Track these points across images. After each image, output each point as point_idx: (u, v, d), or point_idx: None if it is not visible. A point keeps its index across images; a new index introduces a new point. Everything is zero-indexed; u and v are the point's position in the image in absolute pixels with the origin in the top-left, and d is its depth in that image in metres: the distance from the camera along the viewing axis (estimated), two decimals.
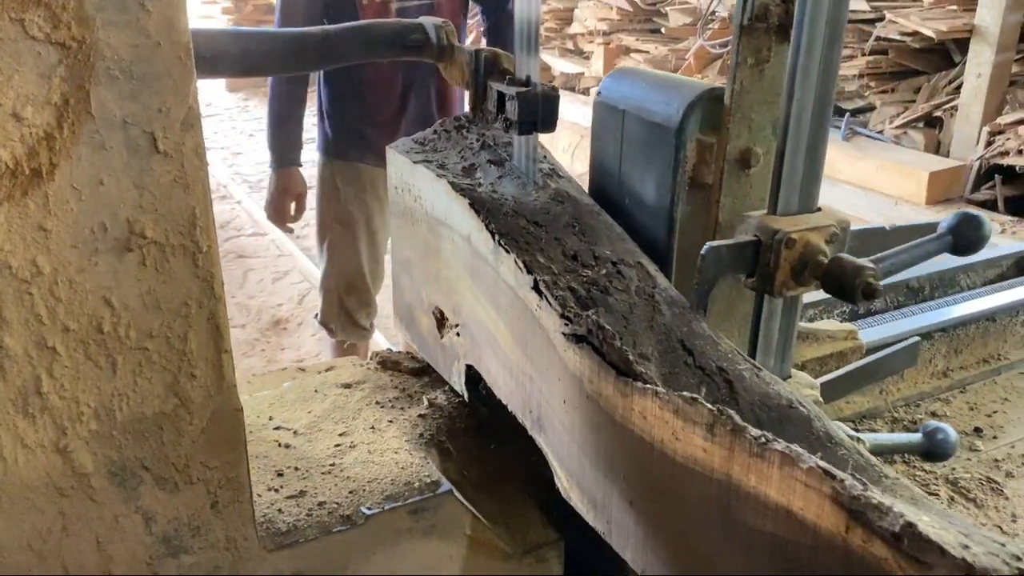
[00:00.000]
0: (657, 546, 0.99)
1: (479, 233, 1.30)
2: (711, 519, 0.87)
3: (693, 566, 0.94)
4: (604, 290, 1.17)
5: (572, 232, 1.29)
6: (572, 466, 1.15)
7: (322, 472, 1.36)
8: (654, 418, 0.93)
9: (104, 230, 0.96)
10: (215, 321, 1.05)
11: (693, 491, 0.89)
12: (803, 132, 1.13)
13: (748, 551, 0.83)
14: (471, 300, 1.40)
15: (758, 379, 1.05)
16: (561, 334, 1.09)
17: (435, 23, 1.56)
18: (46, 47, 0.87)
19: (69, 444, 1.02)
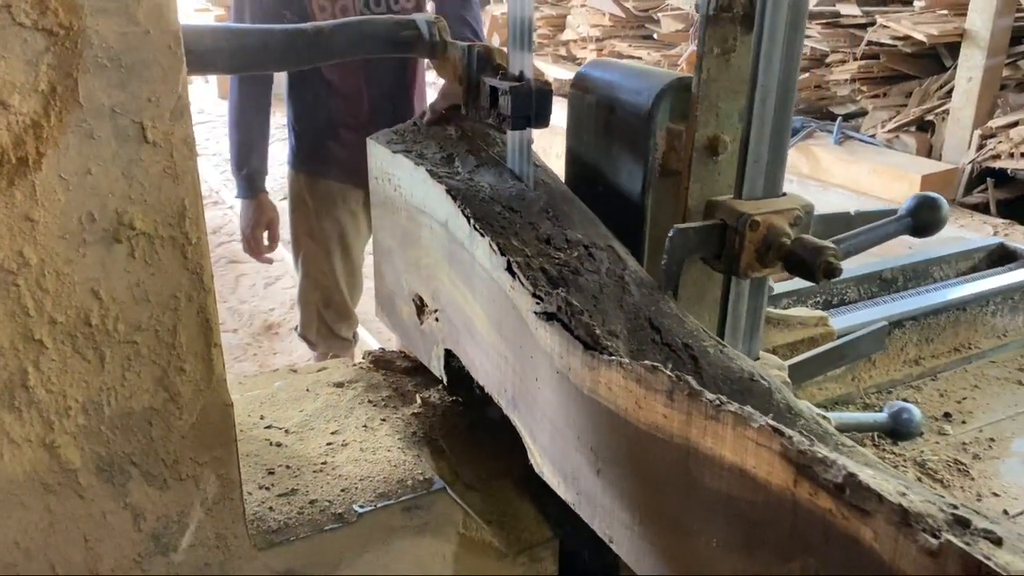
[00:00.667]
0: (622, 513, 1.02)
1: (456, 219, 1.33)
2: (672, 482, 0.91)
3: (655, 531, 0.97)
4: (575, 271, 1.20)
5: (546, 217, 1.32)
6: (544, 441, 1.18)
7: (314, 470, 1.35)
8: (619, 388, 0.96)
9: (92, 221, 0.94)
10: (205, 314, 1.04)
11: (655, 456, 0.93)
12: (767, 119, 1.16)
13: (707, 511, 0.86)
14: (449, 285, 1.43)
15: (722, 355, 1.09)
16: (533, 313, 1.12)
17: (427, 19, 1.55)
18: (33, 34, 0.86)
19: (56, 439, 1.00)
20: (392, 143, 1.59)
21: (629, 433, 0.97)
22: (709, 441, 0.85)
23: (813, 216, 1.21)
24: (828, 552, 0.74)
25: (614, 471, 1.02)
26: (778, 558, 0.80)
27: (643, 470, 0.97)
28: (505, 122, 1.39)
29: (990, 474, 1.54)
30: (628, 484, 1.00)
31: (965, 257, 2.26)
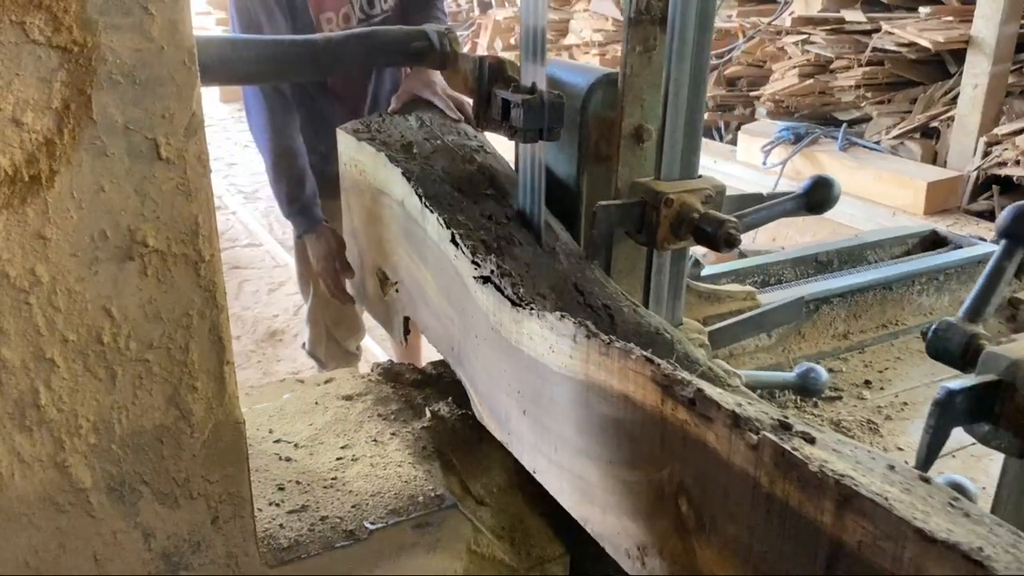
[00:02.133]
0: (543, 446, 1.18)
1: (410, 198, 1.50)
2: (575, 414, 1.07)
3: (567, 459, 1.13)
4: (511, 242, 1.38)
5: (490, 197, 1.51)
6: (483, 389, 1.37)
7: (324, 486, 1.33)
8: (537, 337, 1.14)
9: (104, 238, 0.93)
10: (217, 332, 1.03)
11: (564, 394, 1.09)
12: (681, 109, 1.31)
13: (602, 433, 1.02)
14: (406, 259, 1.62)
15: (635, 314, 1.29)
16: (472, 278, 1.31)
17: (438, 30, 1.55)
18: (47, 51, 0.85)
19: (67, 458, 0.99)
20: (358, 132, 1.73)
21: (545, 375, 1.13)
22: (602, 375, 1.00)
23: (727, 196, 1.38)
24: (687, 456, 0.89)
25: (536, 410, 1.18)
26: (654, 467, 0.95)
27: (556, 406, 1.12)
28: (517, 135, 1.38)
29: (898, 432, 1.65)
30: (546, 420, 1.16)
31: (899, 242, 2.37)
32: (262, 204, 6.12)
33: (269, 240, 5.41)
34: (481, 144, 1.69)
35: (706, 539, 0.88)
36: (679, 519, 0.91)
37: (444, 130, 1.73)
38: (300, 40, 1.55)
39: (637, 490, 0.98)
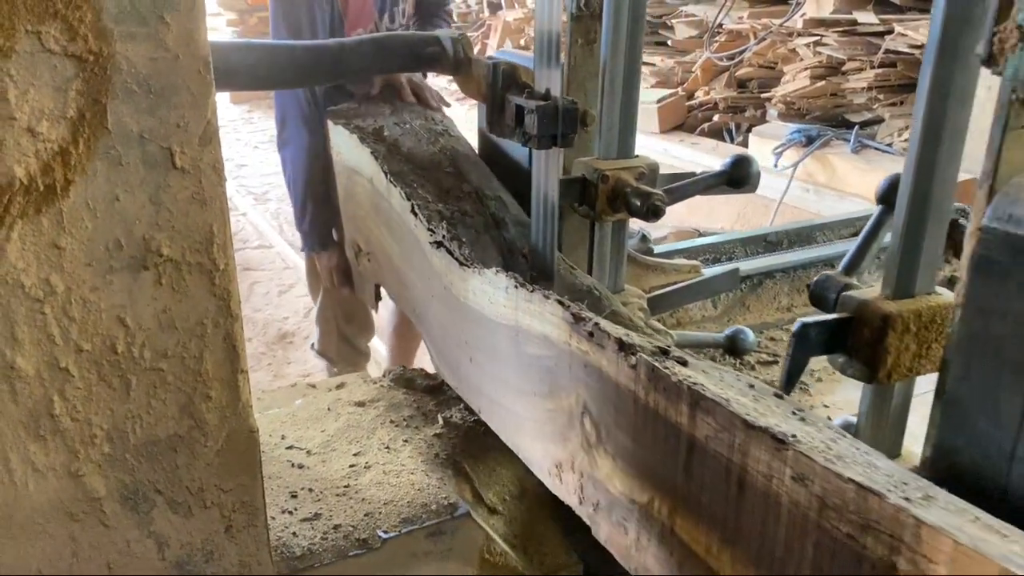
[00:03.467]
0: (484, 387, 1.37)
1: (378, 175, 1.68)
2: (509, 356, 1.25)
3: (501, 397, 1.31)
4: (464, 213, 1.55)
5: (449, 174, 1.69)
6: (439, 344, 1.56)
7: (337, 494, 1.33)
8: (480, 292, 1.30)
9: (119, 248, 0.93)
10: (231, 341, 1.02)
11: (501, 339, 1.26)
12: (616, 95, 1.42)
13: (527, 370, 1.21)
14: (376, 230, 1.81)
15: (571, 275, 1.47)
16: (428, 243, 1.47)
17: (451, 35, 1.54)
18: (62, 60, 0.84)
19: (81, 467, 0.99)
20: (336, 117, 1.92)
21: (486, 325, 1.30)
22: (527, 319, 1.18)
23: (660, 174, 1.52)
24: (588, 380, 1.06)
25: (480, 356, 1.36)
26: (566, 394, 1.12)
27: (495, 352, 1.29)
28: (531, 141, 1.37)
29: (825, 392, 1.74)
30: (487, 365, 1.33)
31: (848, 224, 2.42)
32: (272, 206, 6.13)
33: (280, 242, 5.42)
34: (446, 128, 1.89)
35: (603, 449, 1.05)
36: (584, 435, 1.09)
37: (413, 116, 1.93)
38: (314, 46, 1.55)
39: (555, 416, 1.15)
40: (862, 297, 1.04)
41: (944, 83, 0.95)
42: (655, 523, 0.97)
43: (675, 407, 0.90)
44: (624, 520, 1.03)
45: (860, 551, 0.71)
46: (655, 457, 0.95)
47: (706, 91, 6.45)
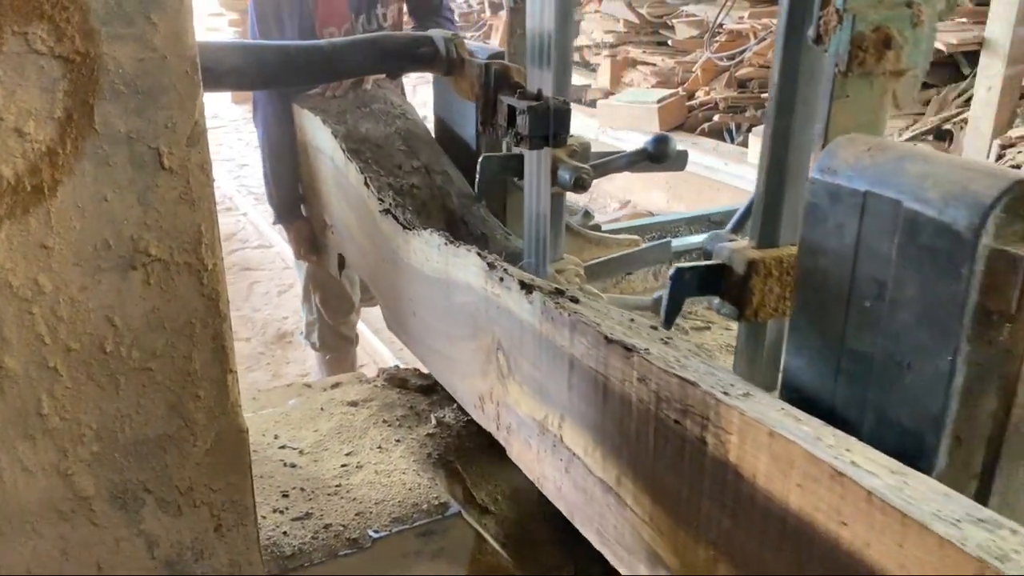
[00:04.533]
0: (425, 338, 1.55)
1: (337, 152, 1.86)
2: (443, 306, 1.41)
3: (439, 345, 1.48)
4: (413, 185, 1.78)
5: (401, 151, 1.89)
6: (389, 301, 1.74)
7: (328, 493, 1.33)
8: (419, 251, 1.46)
9: (107, 248, 0.93)
10: (220, 341, 1.03)
11: (437, 293, 1.42)
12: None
13: (457, 316, 1.36)
14: (337, 204, 2.02)
15: (505, 239, 1.69)
16: (378, 212, 1.63)
17: (444, 35, 1.54)
18: (49, 61, 0.85)
19: (70, 467, 0.99)
20: (303, 101, 2.09)
21: (425, 281, 1.46)
22: (455, 271, 1.34)
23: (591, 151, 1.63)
24: (500, 319, 1.22)
25: (421, 310, 1.53)
26: (485, 334, 1.28)
27: (432, 304, 1.46)
28: (523, 141, 1.37)
29: None
30: (427, 317, 1.50)
31: None
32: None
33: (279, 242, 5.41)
34: (403, 112, 2.07)
35: (512, 378, 1.23)
36: (499, 368, 1.25)
37: (373, 100, 2.08)
38: (308, 46, 1.55)
39: (477, 355, 1.31)
40: (732, 247, 1.18)
41: (792, 62, 1.08)
42: (549, 435, 1.15)
43: (560, 333, 1.08)
44: (528, 437, 1.21)
45: (683, 432, 0.89)
46: (548, 378, 1.13)
47: (706, 91, 6.45)
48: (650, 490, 0.96)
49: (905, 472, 0.73)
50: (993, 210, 0.83)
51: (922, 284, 0.89)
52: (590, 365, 1.02)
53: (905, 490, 0.69)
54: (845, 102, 1.04)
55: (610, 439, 1.02)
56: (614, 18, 7.50)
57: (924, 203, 0.88)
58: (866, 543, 0.69)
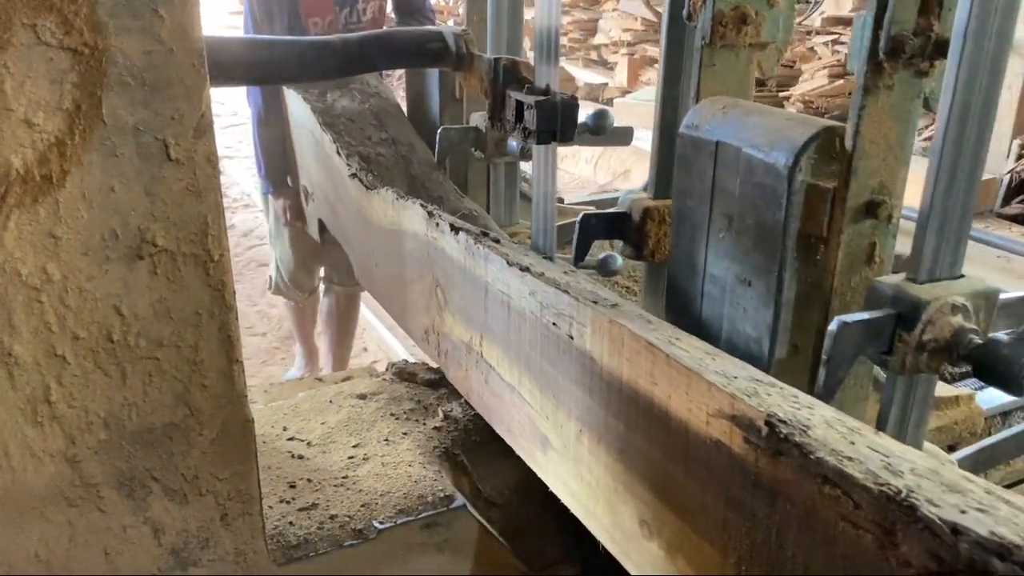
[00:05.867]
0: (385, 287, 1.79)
1: (315, 125, 2.11)
2: (395, 254, 1.62)
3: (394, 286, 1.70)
4: (379, 154, 2.00)
5: (372, 125, 2.13)
6: (357, 256, 1.98)
7: (334, 484, 1.34)
8: (378, 208, 1.67)
9: (115, 238, 0.95)
10: (226, 331, 1.04)
11: (392, 243, 1.64)
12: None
13: (407, 261, 1.55)
14: (316, 173, 2.28)
15: (459, 201, 1.88)
16: (347, 176, 1.86)
17: (454, 31, 1.55)
18: (58, 53, 0.86)
19: (78, 453, 1.00)
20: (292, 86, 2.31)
21: (382, 234, 1.67)
22: (404, 221, 1.53)
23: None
24: (437, 259, 1.40)
25: (381, 261, 1.75)
26: (427, 274, 1.46)
27: (389, 254, 1.67)
28: (530, 136, 1.37)
29: None
30: (386, 266, 1.72)
31: None
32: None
33: None
34: (377, 91, 2.29)
35: (447, 309, 1.40)
36: (437, 302, 1.44)
37: (352, 80, 2.26)
38: (320, 42, 1.56)
39: (423, 294, 1.50)
40: (632, 197, 1.37)
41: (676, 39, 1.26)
42: (474, 354, 1.33)
43: (478, 264, 1.25)
44: (460, 359, 1.39)
45: (557, 332, 1.06)
46: (471, 304, 1.31)
47: None
48: (539, 383, 1.14)
49: (719, 354, 0.89)
50: (805, 151, 1.02)
51: (757, 215, 1.07)
52: (499, 288, 1.20)
53: (705, 360, 0.85)
54: (712, 70, 1.23)
55: (513, 348, 1.19)
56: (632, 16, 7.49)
57: (756, 148, 1.06)
58: (668, 396, 0.86)
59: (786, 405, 0.76)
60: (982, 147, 0.96)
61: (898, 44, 0.98)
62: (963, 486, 0.63)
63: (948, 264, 0.99)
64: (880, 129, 1.04)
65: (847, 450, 0.67)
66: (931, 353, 0.96)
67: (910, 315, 0.95)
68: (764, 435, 0.73)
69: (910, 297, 0.96)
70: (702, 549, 0.83)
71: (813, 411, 0.76)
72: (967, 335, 0.95)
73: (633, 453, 0.93)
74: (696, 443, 0.82)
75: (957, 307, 0.96)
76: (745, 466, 0.76)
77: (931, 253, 0.98)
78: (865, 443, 0.70)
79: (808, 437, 0.70)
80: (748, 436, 0.75)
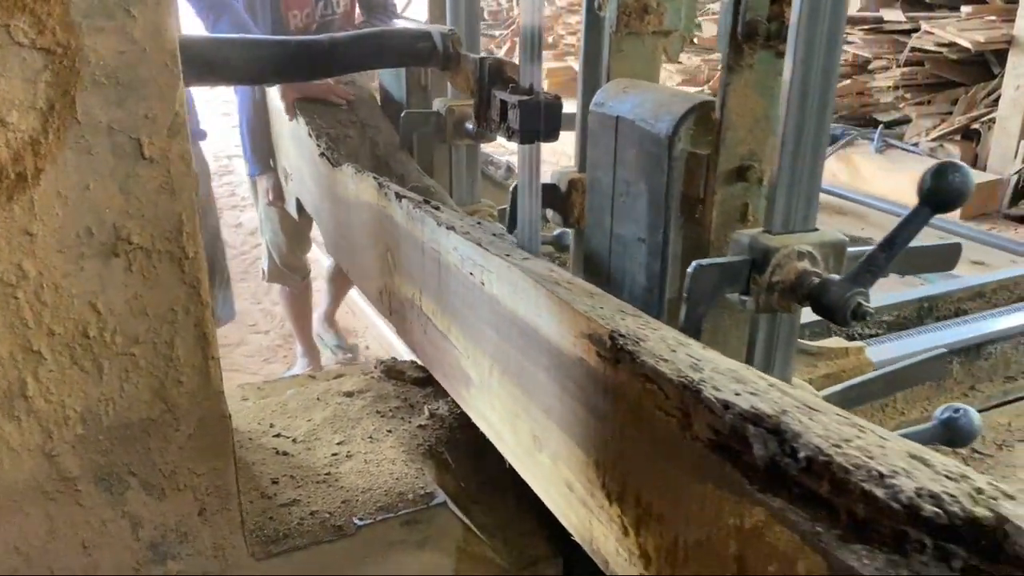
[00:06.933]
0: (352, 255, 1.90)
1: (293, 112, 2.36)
2: (357, 225, 1.77)
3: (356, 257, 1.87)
4: (348, 136, 2.19)
5: (344, 111, 2.33)
6: (329, 232, 2.15)
7: (317, 481, 1.35)
8: (343, 184, 1.83)
9: (90, 235, 0.96)
10: (202, 328, 1.05)
11: (354, 215, 1.79)
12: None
13: (366, 230, 1.70)
14: (294, 156, 2.47)
15: (420, 178, 2.04)
16: (318, 156, 2.03)
17: (442, 31, 1.55)
18: (31, 52, 0.87)
19: (55, 448, 1.02)
20: None
21: (348, 207, 1.83)
22: (362, 194, 1.67)
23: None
24: (388, 228, 1.54)
25: (346, 232, 1.90)
26: (382, 242, 1.60)
27: (350, 225, 1.85)
28: (514, 135, 1.38)
29: None
30: (350, 236, 1.87)
31: None
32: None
33: None
34: (352, 79, 2.46)
35: (397, 271, 1.55)
36: (388, 265, 1.58)
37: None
38: (309, 41, 1.57)
39: (377, 259, 1.64)
40: (559, 170, 1.49)
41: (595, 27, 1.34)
42: (416, 308, 1.46)
43: (416, 227, 1.39)
44: (405, 314, 1.53)
45: (473, 280, 1.19)
46: (412, 264, 1.44)
47: None
48: (462, 328, 1.27)
49: (601, 295, 1.03)
50: (684, 123, 1.15)
51: (647, 180, 1.21)
52: (432, 247, 1.33)
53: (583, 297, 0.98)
54: (620, 55, 1.34)
55: (443, 299, 1.33)
56: None
57: (645, 121, 1.20)
58: (548, 325, 0.99)
59: (634, 326, 0.89)
60: (824, 118, 1.07)
61: (752, 28, 1.10)
62: (748, 378, 0.78)
63: (801, 218, 1.11)
64: (746, 103, 1.15)
65: (666, 355, 0.82)
66: (780, 293, 1.08)
67: (761, 260, 1.07)
68: (608, 347, 0.86)
69: (762, 245, 1.08)
70: (574, 453, 0.97)
71: (656, 331, 0.90)
72: (809, 277, 1.07)
73: (527, 379, 1.07)
74: (566, 362, 0.96)
75: (803, 254, 1.08)
76: (598, 376, 0.89)
77: (783, 209, 1.10)
78: (685, 351, 0.84)
79: (639, 347, 0.84)
80: (599, 351, 0.88)
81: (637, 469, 0.85)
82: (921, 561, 0.56)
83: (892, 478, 0.60)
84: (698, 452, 0.74)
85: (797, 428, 0.67)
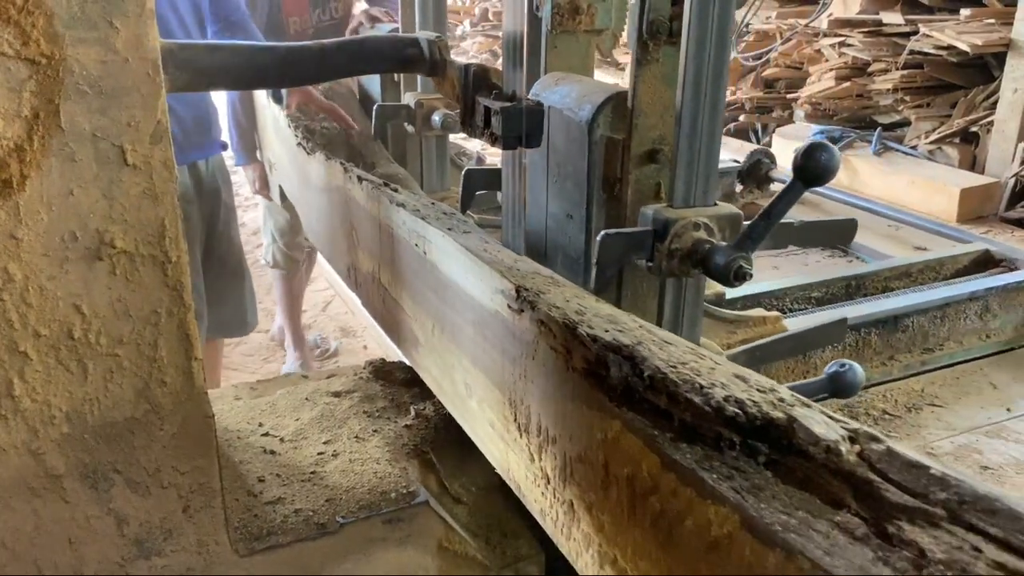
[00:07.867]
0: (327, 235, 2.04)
1: (274, 105, 2.58)
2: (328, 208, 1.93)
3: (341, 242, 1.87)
4: (324, 128, 2.42)
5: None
6: (306, 217, 2.36)
7: (302, 479, 1.38)
8: (315, 170, 2.02)
9: (74, 239, 0.99)
10: (185, 329, 1.07)
11: (324, 199, 1.97)
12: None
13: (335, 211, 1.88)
14: (276, 147, 2.71)
15: (389, 165, 2.22)
16: (295, 145, 2.22)
17: (429, 38, 1.58)
18: (16, 63, 0.90)
19: (41, 446, 1.05)
20: None
21: (319, 191, 2.01)
22: (332, 179, 1.85)
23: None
24: (351, 208, 1.72)
25: (320, 215, 2.06)
26: (346, 219, 1.76)
27: (321, 209, 2.02)
28: (497, 141, 1.40)
29: None
30: (325, 219, 2.00)
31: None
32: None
33: None
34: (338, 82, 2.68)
35: (359, 247, 1.69)
36: (352, 241, 1.73)
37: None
38: (298, 47, 1.60)
39: (345, 237, 1.80)
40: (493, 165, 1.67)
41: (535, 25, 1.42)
42: (376, 280, 1.60)
43: (374, 206, 1.54)
44: (367, 287, 1.67)
45: (418, 250, 1.34)
46: (371, 240, 1.59)
47: (733, 91, 6.41)
48: (411, 295, 1.42)
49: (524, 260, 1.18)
50: (602, 110, 1.26)
51: (574, 163, 1.32)
52: (385, 222, 1.47)
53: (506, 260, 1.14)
54: (556, 52, 1.43)
55: (396, 269, 1.47)
56: None
57: (570, 109, 1.31)
58: (472, 284, 1.15)
59: (541, 284, 1.04)
60: (717, 106, 1.19)
61: (656, 27, 1.21)
62: (621, 320, 0.93)
63: (701, 194, 1.23)
64: (656, 93, 1.25)
65: (560, 304, 0.97)
66: (679, 259, 1.21)
67: (663, 231, 1.19)
68: (516, 299, 1.01)
69: (663, 217, 1.20)
70: (495, 396, 1.11)
71: (559, 288, 1.05)
72: (703, 245, 1.19)
73: (458, 333, 1.23)
74: (486, 316, 1.11)
75: (699, 225, 1.20)
76: (508, 325, 1.04)
77: (683, 186, 1.21)
78: (578, 302, 0.99)
79: (539, 299, 0.98)
80: (509, 303, 1.03)
81: (538, 401, 0.99)
82: (732, 456, 0.70)
83: (710, 389, 0.75)
84: (576, 380, 0.88)
85: (646, 354, 0.82)
